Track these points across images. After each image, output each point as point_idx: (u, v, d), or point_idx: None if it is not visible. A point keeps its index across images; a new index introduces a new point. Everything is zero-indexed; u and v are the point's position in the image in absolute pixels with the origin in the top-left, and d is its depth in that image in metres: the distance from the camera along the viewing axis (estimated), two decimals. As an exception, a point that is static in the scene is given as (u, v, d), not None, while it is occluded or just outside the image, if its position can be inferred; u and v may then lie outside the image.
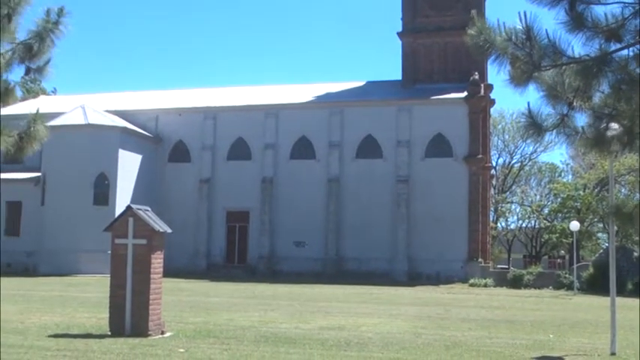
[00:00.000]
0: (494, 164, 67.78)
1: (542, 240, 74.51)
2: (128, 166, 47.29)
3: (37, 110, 15.13)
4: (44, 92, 69.23)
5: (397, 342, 13.47)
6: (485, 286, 40.53)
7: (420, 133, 46.41)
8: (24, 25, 13.82)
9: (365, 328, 15.91)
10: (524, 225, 77.34)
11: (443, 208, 44.95)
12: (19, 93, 65.86)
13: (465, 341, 13.88)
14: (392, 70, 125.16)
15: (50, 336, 13.62)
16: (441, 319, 18.77)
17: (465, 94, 46.00)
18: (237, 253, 49.18)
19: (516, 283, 40.78)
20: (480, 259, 44.72)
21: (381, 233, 45.79)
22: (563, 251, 75.83)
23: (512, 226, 78.50)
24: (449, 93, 46.87)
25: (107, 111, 49.80)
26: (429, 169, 46.07)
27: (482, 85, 46.81)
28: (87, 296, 25.49)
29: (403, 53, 50.73)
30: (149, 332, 13.44)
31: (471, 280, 41.54)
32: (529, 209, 72.16)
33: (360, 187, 46.77)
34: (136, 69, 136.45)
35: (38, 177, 47.47)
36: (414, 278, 43.66)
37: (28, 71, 14.61)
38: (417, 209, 45.68)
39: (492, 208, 63.73)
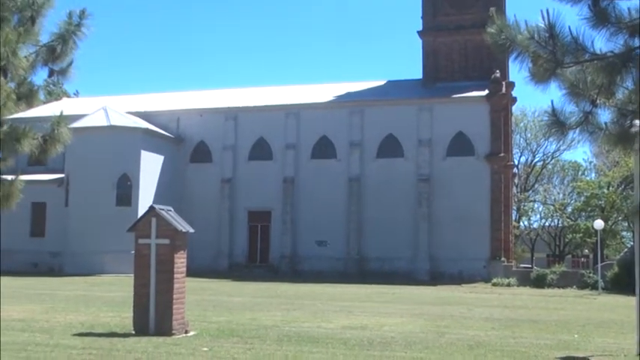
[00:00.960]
0: (516, 162, 67.39)
1: (566, 239, 73.93)
2: (150, 166, 47.55)
3: (61, 113, 15.24)
4: (66, 94, 69.80)
5: (420, 341, 13.43)
6: (508, 285, 40.26)
7: (441, 132, 46.26)
8: (47, 28, 13.97)
9: (388, 328, 15.87)
10: (547, 224, 76.87)
11: (465, 207, 44.77)
12: (42, 95, 66.56)
13: (488, 341, 13.81)
14: (412, 69, 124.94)
15: (75, 334, 13.73)
16: (463, 319, 18.69)
17: (487, 92, 45.78)
18: (259, 253, 49.30)
19: (540, 282, 40.48)
20: (502, 258, 44.47)
21: (402, 232, 45.69)
22: (587, 250, 75.31)
23: (535, 225, 78.02)
24: (470, 91, 46.67)
25: (129, 112, 50.15)
26: (450, 168, 45.92)
27: (503, 82, 46.55)
28: (111, 296, 25.67)
29: (424, 52, 50.60)
30: (173, 331, 13.51)
31: (494, 280, 41.29)
32: (552, 208, 71.65)
33: (382, 187, 46.69)
34: (156, 71, 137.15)
35: (62, 178, 47.91)
36: (436, 277, 43.53)
37: (51, 73, 14.73)
38: (438, 208, 45.54)
39: (515, 207, 63.34)
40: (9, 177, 16.18)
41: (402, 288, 34.98)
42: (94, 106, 51.15)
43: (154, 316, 13.73)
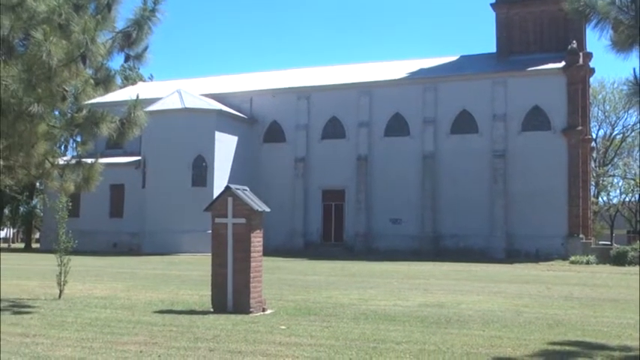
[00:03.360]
0: (594, 136, 65.73)
1: (647, 215, 71.82)
2: (224, 147, 48.17)
3: (137, 97, 15.62)
4: (141, 79, 71.15)
5: (498, 320, 13.25)
6: (587, 263, 39.32)
7: (516, 106, 45.39)
8: (123, 15, 14.25)
9: (465, 306, 15.72)
10: (627, 199, 74.71)
11: (541, 182, 43.94)
12: (118, 80, 68.09)
13: (568, 320, 13.52)
14: (486, 42, 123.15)
15: (156, 312, 14.03)
16: (542, 297, 18.34)
17: (563, 63, 44.64)
18: (333, 232, 49.50)
19: (620, 260, 39.40)
20: (581, 235, 43.49)
21: (478, 209, 45.18)
22: (670, 226, 72.97)
23: (615, 201, 76.01)
24: (545, 63, 45.53)
25: (203, 95, 50.86)
26: (526, 143, 45.06)
27: (580, 53, 45.29)
28: (188, 274, 26.15)
29: (497, 24, 49.72)
30: (250, 309, 13.66)
31: (572, 257, 40.41)
32: (632, 183, 69.53)
33: (456, 163, 46.19)
34: (229, 52, 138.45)
35: (139, 160, 49.02)
36: (512, 255, 42.98)
37: (127, 59, 15.08)
38: (514, 184, 44.81)
39: (593, 182, 61.86)
40: (89, 160, 16.66)
41: (477, 266, 34.63)
42: (169, 89, 52.07)
43: (231, 295, 13.91)
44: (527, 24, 48.70)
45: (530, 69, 45.83)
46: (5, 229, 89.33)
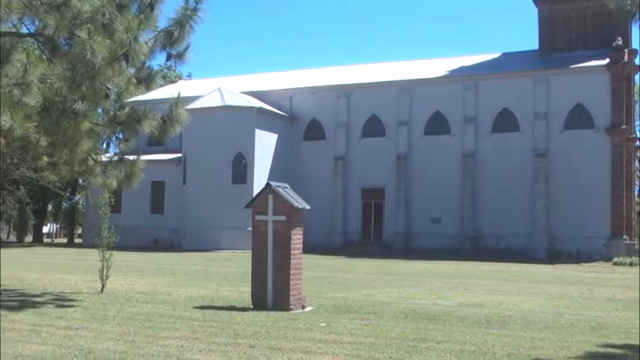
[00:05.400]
0: (639, 135, 64.46)
1: (694, 215, 70.31)
2: (264, 145, 48.33)
3: (179, 94, 15.80)
4: (180, 77, 71.70)
5: (539, 321, 13.10)
6: (631, 264, 38.46)
7: (558, 105, 44.77)
8: (165, 14, 14.41)
9: (505, 306, 15.57)
10: (673, 200, 73.20)
11: (584, 182, 43.30)
12: (159, 79, 68.76)
13: (611, 322, 13.29)
14: (528, 39, 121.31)
15: (196, 307, 14.15)
16: (584, 299, 18.07)
17: (607, 61, 43.89)
18: (372, 230, 49.38)
19: (664, 261, 38.61)
20: (624, 236, 42.73)
21: (518, 209, 44.71)
22: None
23: (661, 202, 74.50)
24: (589, 61, 44.81)
25: (243, 92, 51.10)
26: (568, 142, 44.43)
27: (625, 50, 44.42)
28: (228, 271, 26.32)
29: (540, 21, 49.12)
30: (290, 306, 13.71)
31: (615, 259, 39.61)
32: (678, 183, 68.19)
33: (497, 162, 45.76)
34: (269, 50, 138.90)
35: (179, 158, 49.43)
36: (553, 256, 42.46)
37: (169, 57, 15.24)
38: (556, 184, 44.22)
39: (638, 182, 60.75)
40: (131, 157, 16.88)
41: (518, 266, 34.28)
42: (209, 87, 52.38)
43: (271, 292, 13.97)
44: (570, 20, 48.00)
45: (573, 66, 45.11)
46: (48, 225, 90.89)
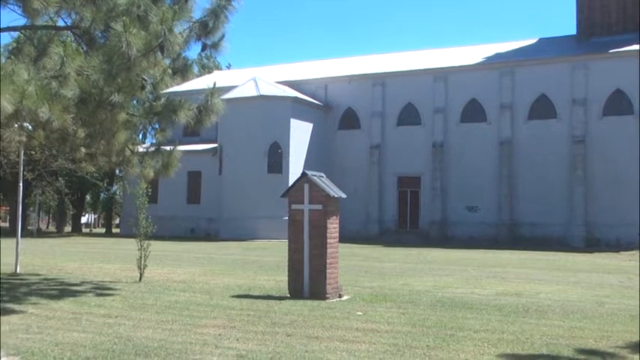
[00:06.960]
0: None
1: None
2: (300, 134, 48.39)
3: (214, 85, 15.83)
4: (218, 67, 72.03)
5: (578, 310, 12.93)
6: (671, 252, 37.94)
7: (597, 90, 44.07)
8: (200, 4, 14.44)
9: (543, 295, 15.41)
10: None
11: (623, 169, 42.62)
12: (195, 69, 69.11)
13: (652, 311, 13.11)
14: (566, 24, 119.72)
15: (233, 296, 14.23)
16: (624, 288, 17.80)
17: (647, 45, 43.11)
18: (408, 219, 49.24)
19: None
20: (664, 224, 42.03)
21: (556, 197, 44.22)
22: None
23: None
24: (628, 45, 43.91)
25: (278, 82, 51.19)
26: (607, 128, 43.73)
27: (667, 34, 43.62)
28: (265, 260, 26.41)
29: (578, 5, 48.42)
30: (327, 295, 13.71)
31: (656, 247, 39.06)
32: None
33: (534, 149, 45.26)
34: (304, 40, 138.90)
35: (215, 148, 49.73)
36: (591, 244, 41.91)
37: (204, 48, 15.27)
38: (594, 171, 43.60)
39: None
40: (167, 147, 16.99)
41: (556, 254, 33.90)
42: (244, 77, 52.60)
43: (308, 281, 13.98)
44: (609, 4, 47.17)
45: (612, 51, 44.30)
46: (87, 215, 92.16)
